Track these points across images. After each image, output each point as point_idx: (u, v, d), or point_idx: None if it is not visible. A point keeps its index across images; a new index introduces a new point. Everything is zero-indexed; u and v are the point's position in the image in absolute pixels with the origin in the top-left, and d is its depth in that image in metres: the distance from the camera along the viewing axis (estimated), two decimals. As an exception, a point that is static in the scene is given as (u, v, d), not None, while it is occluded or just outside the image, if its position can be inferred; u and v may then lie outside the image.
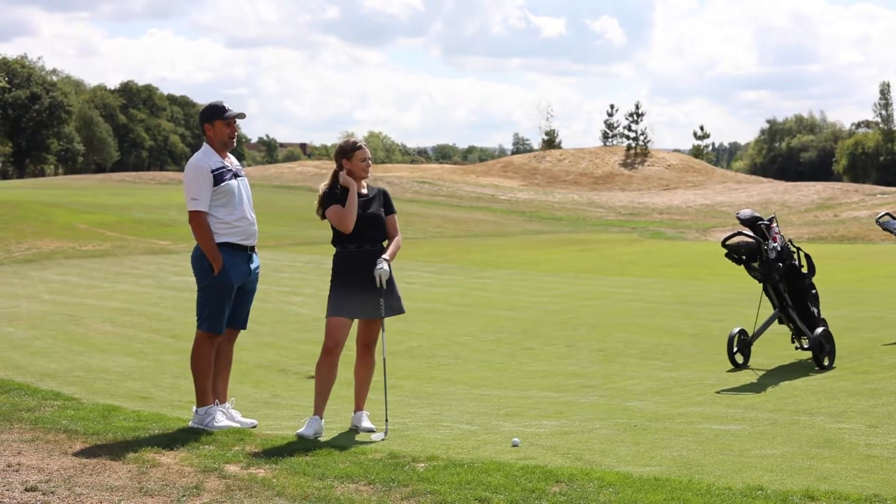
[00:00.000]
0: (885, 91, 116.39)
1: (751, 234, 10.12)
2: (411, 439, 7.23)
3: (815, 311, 10.39)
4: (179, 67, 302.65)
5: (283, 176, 71.11)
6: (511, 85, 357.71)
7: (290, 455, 6.53)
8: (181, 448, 6.68)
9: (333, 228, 7.52)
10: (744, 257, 10.15)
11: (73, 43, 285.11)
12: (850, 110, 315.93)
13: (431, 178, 73.59)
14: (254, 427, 7.62)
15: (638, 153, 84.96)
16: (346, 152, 7.54)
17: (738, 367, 10.26)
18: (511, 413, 8.51)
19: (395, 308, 7.61)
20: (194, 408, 7.59)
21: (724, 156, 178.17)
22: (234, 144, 7.88)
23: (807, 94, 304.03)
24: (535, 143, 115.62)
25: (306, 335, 13.90)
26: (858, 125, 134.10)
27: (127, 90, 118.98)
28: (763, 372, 9.99)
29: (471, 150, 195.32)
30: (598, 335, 13.18)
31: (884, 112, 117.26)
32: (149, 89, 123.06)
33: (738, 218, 10.31)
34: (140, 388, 9.85)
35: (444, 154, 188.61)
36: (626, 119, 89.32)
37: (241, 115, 7.82)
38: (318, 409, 7.44)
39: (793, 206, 57.46)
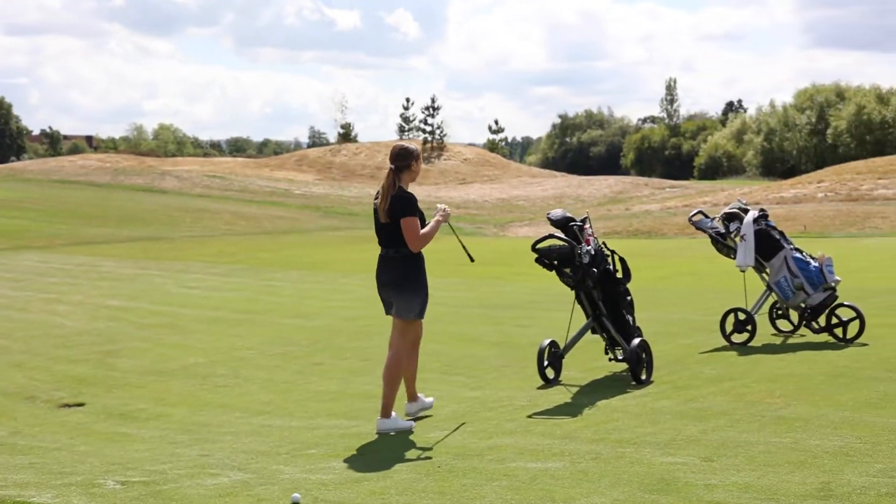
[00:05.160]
0: (671, 87, 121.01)
1: (563, 236, 9.10)
2: (167, 498, 5.86)
3: (631, 319, 9.47)
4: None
5: (64, 170, 67.22)
6: (306, 77, 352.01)
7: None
8: None
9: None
10: (555, 262, 9.11)
11: None
12: (636, 106, 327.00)
13: (223, 172, 71.03)
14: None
15: (434, 147, 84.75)
16: (418, 156, 7.86)
17: (549, 382, 9.27)
18: (293, 451, 7.22)
19: None
20: None
21: (518, 150, 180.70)
22: None
23: (596, 90, 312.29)
24: (332, 136, 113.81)
25: (66, 352, 12.25)
26: (644, 120, 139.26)
27: None
28: (577, 388, 9.00)
29: (266, 143, 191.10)
30: (396, 346, 11.98)
31: (669, 108, 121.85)
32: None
33: (549, 219, 9.24)
34: None
35: (238, 147, 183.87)
36: (423, 112, 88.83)
37: None
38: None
39: (586, 199, 58.25)
